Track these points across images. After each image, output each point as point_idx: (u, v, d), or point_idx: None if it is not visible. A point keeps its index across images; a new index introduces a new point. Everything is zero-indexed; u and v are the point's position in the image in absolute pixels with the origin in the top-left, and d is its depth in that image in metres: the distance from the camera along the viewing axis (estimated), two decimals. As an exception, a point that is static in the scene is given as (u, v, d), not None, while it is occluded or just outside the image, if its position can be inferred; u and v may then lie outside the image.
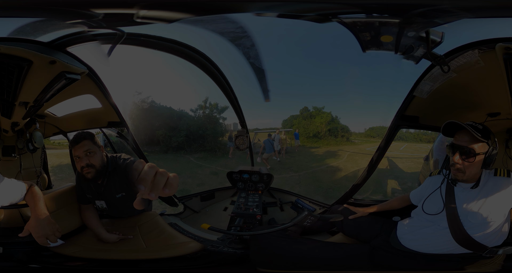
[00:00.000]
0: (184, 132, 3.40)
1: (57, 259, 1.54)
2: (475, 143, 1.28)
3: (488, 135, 1.30)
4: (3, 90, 1.52)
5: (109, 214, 1.58)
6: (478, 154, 1.28)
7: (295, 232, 1.67)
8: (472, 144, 1.29)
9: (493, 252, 1.29)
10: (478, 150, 1.29)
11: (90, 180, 1.42)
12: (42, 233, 1.15)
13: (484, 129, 1.31)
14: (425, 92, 1.58)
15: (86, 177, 1.40)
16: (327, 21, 1.34)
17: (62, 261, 1.55)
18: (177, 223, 2.02)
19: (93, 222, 1.52)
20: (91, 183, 1.45)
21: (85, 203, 1.56)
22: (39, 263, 1.52)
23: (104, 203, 1.50)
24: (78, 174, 1.47)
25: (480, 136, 1.26)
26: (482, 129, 1.30)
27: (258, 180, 2.35)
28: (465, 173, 1.32)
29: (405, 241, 1.44)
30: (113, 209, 1.53)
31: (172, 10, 1.32)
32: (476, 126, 1.29)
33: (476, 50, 1.30)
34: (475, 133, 1.26)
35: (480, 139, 1.27)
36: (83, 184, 1.49)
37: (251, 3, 1.28)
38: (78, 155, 1.41)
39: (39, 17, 1.35)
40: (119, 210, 1.54)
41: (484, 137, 1.28)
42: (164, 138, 3.35)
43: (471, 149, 1.28)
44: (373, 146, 2.37)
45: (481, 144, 1.29)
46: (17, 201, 1.26)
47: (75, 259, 1.57)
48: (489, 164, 1.29)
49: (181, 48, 1.83)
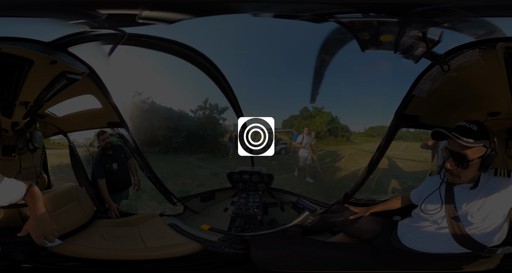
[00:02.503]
0: (184, 133, 3.40)
1: (56, 259, 1.54)
2: (468, 148, 1.19)
3: (486, 135, 1.22)
4: (4, 89, 1.53)
5: (117, 174, 2.31)
6: (471, 160, 1.19)
7: (297, 232, 1.67)
8: (465, 149, 1.19)
9: (492, 251, 1.29)
10: (472, 155, 1.19)
11: (108, 150, 2.27)
12: (40, 233, 1.14)
13: (480, 130, 1.21)
14: (424, 91, 1.59)
15: (107, 147, 2.25)
16: (323, 21, 1.35)
17: (61, 261, 1.54)
18: (176, 224, 2.02)
19: (104, 191, 2.20)
20: (108, 153, 2.28)
21: (101, 177, 2.22)
22: (38, 263, 1.52)
23: (116, 165, 2.28)
24: (101, 150, 2.26)
25: (471, 142, 1.17)
26: (476, 130, 1.20)
27: (259, 180, 2.34)
28: (461, 178, 1.26)
29: (406, 240, 1.44)
30: (119, 167, 2.32)
31: (172, 10, 1.33)
32: (470, 128, 1.20)
33: (477, 50, 1.30)
34: (463, 141, 1.16)
35: (470, 145, 1.17)
36: (102, 157, 2.25)
37: (248, 3, 1.28)
38: (103, 138, 2.26)
39: (43, 17, 1.36)
40: (121, 169, 2.34)
41: (480, 138, 1.18)
42: (164, 139, 3.35)
43: (464, 156, 1.19)
44: (373, 146, 2.37)
45: (475, 148, 1.19)
46: (17, 201, 1.26)
47: (73, 259, 1.57)
48: (487, 167, 1.20)
49: (181, 49, 1.84)
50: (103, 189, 2.18)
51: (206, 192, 2.52)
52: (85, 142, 2.44)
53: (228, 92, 2.25)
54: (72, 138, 2.30)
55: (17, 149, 1.98)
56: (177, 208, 2.39)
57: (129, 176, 2.38)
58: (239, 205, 2.08)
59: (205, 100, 3.27)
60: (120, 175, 2.31)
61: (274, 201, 2.44)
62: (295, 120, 3.21)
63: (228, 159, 3.31)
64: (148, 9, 1.28)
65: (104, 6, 1.24)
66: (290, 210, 2.29)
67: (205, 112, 3.33)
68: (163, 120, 3.27)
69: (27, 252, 1.49)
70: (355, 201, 2.00)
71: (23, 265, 1.49)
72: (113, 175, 2.26)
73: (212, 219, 2.34)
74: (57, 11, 1.28)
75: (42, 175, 2.18)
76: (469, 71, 1.40)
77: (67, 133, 2.28)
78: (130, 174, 2.38)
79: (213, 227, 1.52)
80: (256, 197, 2.23)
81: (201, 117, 3.33)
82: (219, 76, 2.10)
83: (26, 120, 1.90)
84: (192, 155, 3.42)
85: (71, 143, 2.29)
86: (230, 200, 2.49)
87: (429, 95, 1.59)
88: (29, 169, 2.06)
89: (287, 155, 3.27)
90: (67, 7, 1.22)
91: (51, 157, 2.24)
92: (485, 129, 1.24)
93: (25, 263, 1.49)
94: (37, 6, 1.23)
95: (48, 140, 2.22)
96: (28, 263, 1.50)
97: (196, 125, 3.35)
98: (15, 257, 1.48)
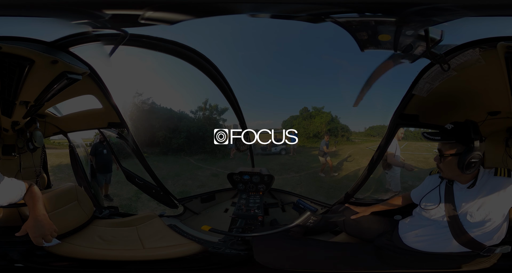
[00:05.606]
0: (184, 134, 3.40)
1: (55, 259, 1.52)
2: (443, 144, 1.32)
3: (461, 134, 1.28)
4: (5, 88, 1.53)
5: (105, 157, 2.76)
6: (445, 155, 1.31)
7: (298, 232, 1.66)
8: (441, 146, 1.33)
9: (490, 250, 1.29)
10: (445, 151, 1.31)
11: (103, 141, 2.67)
12: (38, 234, 1.13)
13: (455, 129, 1.30)
14: (424, 90, 1.59)
15: (102, 140, 2.66)
16: (320, 21, 1.36)
17: (60, 261, 1.53)
18: (176, 225, 2.00)
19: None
20: (104, 143, 2.68)
21: (92, 155, 2.70)
22: (37, 263, 1.50)
23: (105, 151, 2.70)
24: (97, 142, 2.73)
25: (438, 138, 1.30)
26: (450, 129, 1.30)
27: (259, 181, 2.33)
28: (444, 172, 1.35)
29: (407, 239, 1.43)
30: (107, 153, 2.76)
31: (172, 11, 1.34)
32: (446, 127, 1.31)
33: (477, 49, 1.30)
34: (430, 140, 1.31)
35: (442, 142, 1.30)
36: (98, 143, 2.70)
37: (246, 4, 1.29)
38: (100, 135, 2.66)
39: (47, 17, 1.36)
40: (108, 154, 2.76)
41: (451, 136, 1.29)
42: (164, 140, 3.34)
43: (440, 150, 1.34)
44: (373, 145, 2.36)
45: (448, 145, 1.30)
46: (17, 200, 1.25)
47: (72, 260, 1.55)
48: (462, 166, 1.25)
49: (182, 50, 1.85)
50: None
51: (207, 193, 2.51)
52: (83, 142, 2.51)
53: (228, 93, 2.25)
54: (72, 138, 2.30)
55: (17, 148, 1.98)
56: (177, 209, 2.37)
57: (111, 161, 2.81)
58: (239, 206, 2.07)
59: (205, 101, 3.27)
60: (106, 158, 2.81)
61: (275, 201, 2.42)
62: (295, 120, 3.22)
63: (228, 160, 3.30)
64: (152, 10, 1.29)
65: (110, 7, 1.25)
66: (291, 211, 2.28)
67: (205, 113, 3.33)
68: (163, 121, 3.27)
69: (25, 252, 1.48)
70: (355, 200, 1.99)
71: (21, 264, 1.48)
72: (102, 156, 2.76)
73: (212, 220, 2.33)
74: (62, 11, 1.29)
75: (42, 175, 2.17)
76: (469, 70, 1.41)
77: (67, 133, 2.28)
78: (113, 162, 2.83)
79: (214, 228, 1.51)
80: (257, 197, 2.22)
81: (201, 118, 3.33)
82: (219, 77, 2.11)
83: (26, 120, 1.90)
84: (192, 156, 3.42)
85: (71, 143, 2.29)
86: (230, 201, 2.47)
87: (429, 95, 1.60)
88: (29, 169, 2.06)
89: (287, 155, 3.27)
90: (74, 7, 1.23)
91: (51, 157, 2.23)
92: (463, 129, 1.29)
93: (23, 263, 1.48)
94: (43, 6, 1.24)
95: (48, 140, 2.22)
96: (26, 263, 1.49)
97: (196, 126, 3.35)
98: (13, 256, 1.47)
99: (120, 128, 2.29)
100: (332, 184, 2.92)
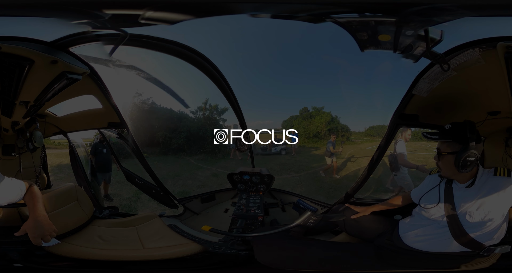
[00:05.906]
0: (184, 134, 3.39)
1: (54, 259, 1.52)
2: (441, 143, 1.36)
3: (459, 134, 1.29)
4: (4, 88, 1.52)
5: (104, 156, 2.75)
6: (442, 154, 1.34)
7: (299, 232, 1.66)
8: (439, 145, 1.37)
9: (490, 250, 1.30)
10: (443, 149, 1.34)
11: (103, 141, 2.64)
12: (38, 234, 1.13)
13: (453, 129, 1.33)
14: (424, 90, 1.59)
15: (102, 140, 2.65)
16: (320, 21, 1.36)
17: (59, 261, 1.53)
18: (176, 225, 2.00)
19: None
20: (104, 143, 2.66)
21: (92, 154, 2.70)
22: (36, 263, 1.50)
23: (105, 150, 2.68)
24: (97, 142, 2.72)
25: (436, 138, 1.34)
26: (448, 129, 1.33)
27: (259, 181, 2.33)
28: (442, 170, 1.38)
29: (407, 239, 1.44)
30: (107, 152, 2.76)
31: (173, 11, 1.34)
32: (445, 127, 1.35)
33: (477, 49, 1.31)
34: (429, 139, 1.35)
35: (439, 141, 1.34)
36: (98, 143, 2.69)
37: (246, 4, 1.30)
38: (100, 135, 2.64)
39: (47, 16, 1.36)
40: (108, 153, 2.76)
41: (449, 136, 1.31)
42: (164, 140, 3.34)
43: (438, 149, 1.37)
44: (373, 145, 2.37)
45: (446, 144, 1.33)
46: (17, 200, 1.25)
47: (71, 260, 1.55)
48: (458, 165, 1.28)
49: (182, 50, 1.85)
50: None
51: (207, 193, 2.50)
52: (83, 142, 2.52)
53: (228, 93, 2.25)
54: (72, 138, 2.30)
55: (17, 148, 1.98)
56: (177, 209, 2.37)
57: (111, 160, 2.81)
58: (239, 206, 2.07)
59: (205, 101, 3.27)
60: (106, 158, 2.81)
61: (275, 201, 2.42)
62: (295, 120, 3.22)
63: (229, 160, 3.29)
64: (152, 10, 1.29)
65: (110, 6, 1.25)
66: (291, 211, 2.27)
67: (205, 113, 3.33)
68: (163, 121, 3.27)
69: (24, 252, 1.48)
70: (355, 200, 1.99)
71: (20, 264, 1.48)
72: (101, 155, 2.75)
73: (212, 220, 2.33)
74: (62, 11, 1.29)
75: (42, 175, 2.17)
76: (469, 70, 1.41)
77: (67, 133, 2.28)
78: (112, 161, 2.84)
79: (214, 228, 1.52)
80: (257, 198, 2.21)
81: (201, 118, 3.33)
82: (219, 77, 2.11)
83: (26, 120, 1.90)
84: (192, 156, 3.41)
85: (71, 143, 2.29)
86: (230, 201, 2.47)
87: (429, 95, 1.60)
88: (28, 169, 2.05)
89: (288, 155, 3.27)
90: (74, 7, 1.23)
91: (51, 157, 2.23)
92: (461, 129, 1.31)
93: (22, 263, 1.48)
94: (43, 6, 1.24)
95: (48, 140, 2.22)
96: (26, 263, 1.49)
97: (196, 126, 3.34)
98: (12, 256, 1.47)
99: (120, 128, 2.30)
100: (332, 184, 2.91)
